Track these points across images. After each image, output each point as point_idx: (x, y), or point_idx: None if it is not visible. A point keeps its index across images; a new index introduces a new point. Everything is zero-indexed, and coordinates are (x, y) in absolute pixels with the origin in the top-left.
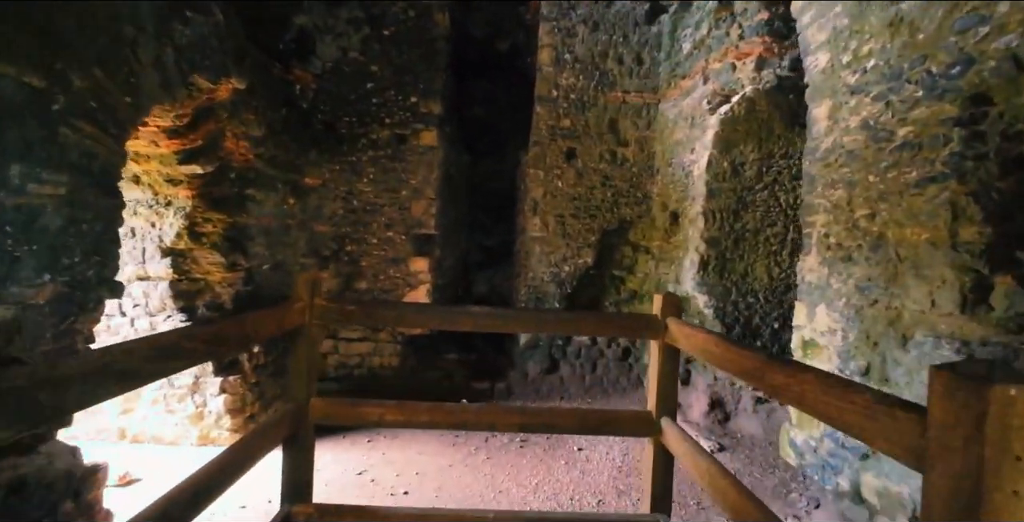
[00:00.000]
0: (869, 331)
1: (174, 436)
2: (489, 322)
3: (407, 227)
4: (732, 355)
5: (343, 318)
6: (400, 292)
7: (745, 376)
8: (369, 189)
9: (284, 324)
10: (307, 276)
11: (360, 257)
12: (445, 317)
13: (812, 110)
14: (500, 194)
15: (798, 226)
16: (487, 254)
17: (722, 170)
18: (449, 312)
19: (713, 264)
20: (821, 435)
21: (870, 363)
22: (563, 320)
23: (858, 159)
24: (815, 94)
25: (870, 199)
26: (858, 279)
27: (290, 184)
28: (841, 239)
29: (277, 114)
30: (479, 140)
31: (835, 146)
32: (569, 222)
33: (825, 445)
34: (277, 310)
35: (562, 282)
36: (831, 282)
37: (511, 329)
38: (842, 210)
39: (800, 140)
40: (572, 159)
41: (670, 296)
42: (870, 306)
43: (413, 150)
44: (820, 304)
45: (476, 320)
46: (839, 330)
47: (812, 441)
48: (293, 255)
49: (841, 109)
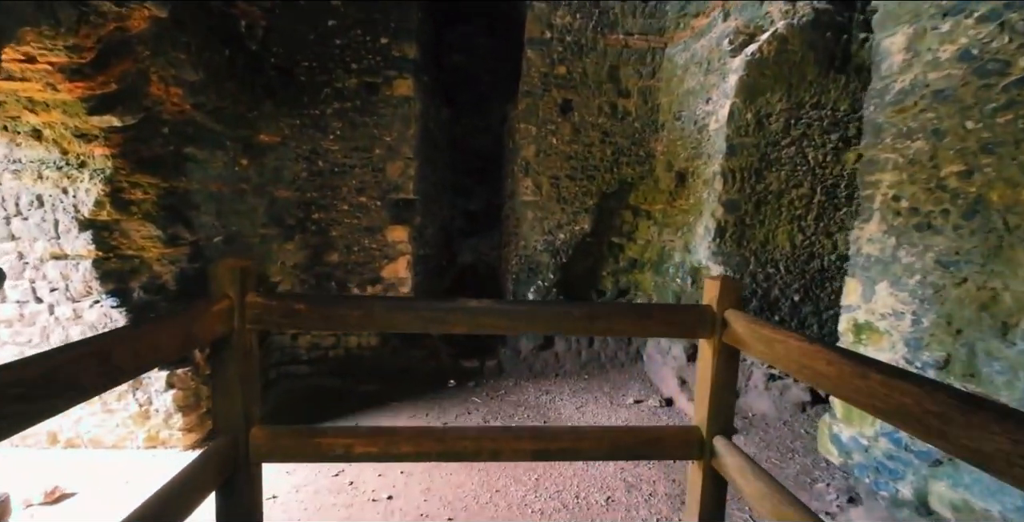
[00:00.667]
0: (952, 316)
1: (116, 439)
2: (491, 321)
3: (382, 191)
4: (872, 384)
5: (289, 321)
6: (377, 265)
7: (903, 420)
8: (336, 148)
9: (198, 335)
10: (231, 263)
11: (330, 226)
12: (431, 316)
13: (881, 42)
14: (484, 154)
15: (826, 187)
16: (471, 220)
17: (745, 123)
18: (436, 309)
19: (731, 231)
20: (876, 434)
21: (951, 355)
22: (589, 317)
23: (950, 101)
24: (887, 20)
25: (966, 152)
26: (941, 252)
27: (241, 142)
28: (918, 202)
29: (218, 56)
30: (460, 93)
31: (915, 86)
32: (565, 184)
33: (881, 445)
34: (184, 316)
35: (557, 251)
36: (899, 255)
37: (520, 330)
38: (921, 167)
39: (835, 87)
40: (568, 112)
41: (730, 281)
42: (956, 286)
43: (386, 102)
44: (882, 281)
45: (473, 319)
46: (908, 313)
47: (863, 439)
48: (251, 225)
49: (926, 37)
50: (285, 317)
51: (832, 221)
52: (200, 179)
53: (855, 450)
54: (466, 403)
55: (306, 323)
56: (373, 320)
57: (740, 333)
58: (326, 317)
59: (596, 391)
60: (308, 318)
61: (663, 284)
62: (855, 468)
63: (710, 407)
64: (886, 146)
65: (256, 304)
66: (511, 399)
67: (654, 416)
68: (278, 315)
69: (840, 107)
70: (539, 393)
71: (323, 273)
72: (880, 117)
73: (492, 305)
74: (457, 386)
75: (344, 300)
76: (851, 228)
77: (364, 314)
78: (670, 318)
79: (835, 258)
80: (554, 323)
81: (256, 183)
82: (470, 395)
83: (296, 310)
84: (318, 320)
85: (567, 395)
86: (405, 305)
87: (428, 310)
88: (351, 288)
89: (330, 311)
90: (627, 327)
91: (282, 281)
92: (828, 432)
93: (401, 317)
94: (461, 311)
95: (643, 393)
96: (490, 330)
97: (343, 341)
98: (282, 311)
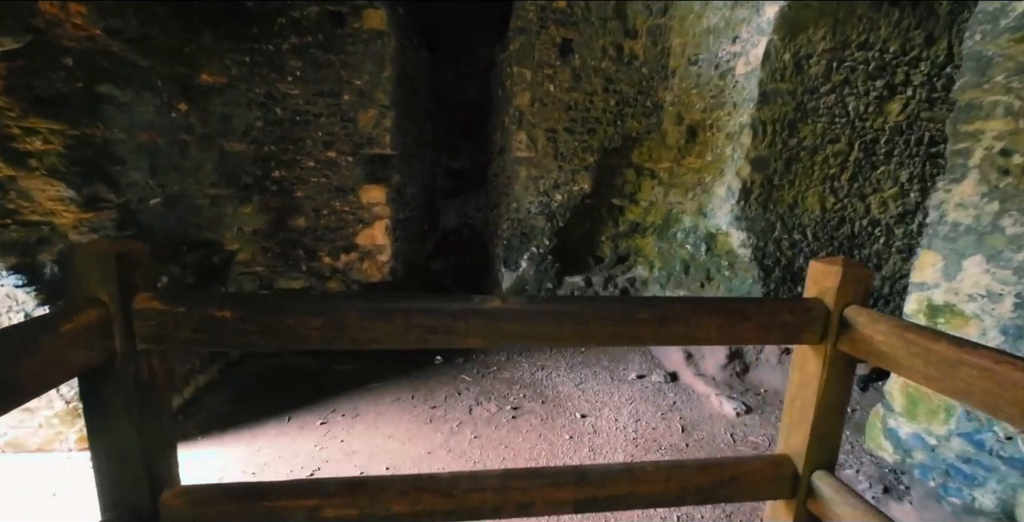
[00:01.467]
0: None
1: (41, 441)
2: (521, 329)
3: (354, 145)
4: None
5: (211, 336)
6: (351, 230)
7: None
8: (297, 92)
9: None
10: (101, 246)
11: (294, 186)
12: (431, 324)
13: None
14: (468, 105)
15: (865, 143)
16: (454, 179)
17: (781, 65)
18: (438, 314)
19: (757, 192)
20: (949, 433)
21: None
22: (660, 319)
23: None
24: None
25: None
26: None
27: (178, 82)
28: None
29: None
30: (440, 35)
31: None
32: (563, 138)
33: (955, 446)
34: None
35: (553, 214)
36: (1002, 224)
37: (565, 342)
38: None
39: (887, 23)
40: (567, 55)
41: (854, 267)
42: None
43: (355, 37)
44: (973, 255)
45: (495, 327)
46: (1008, 295)
47: (930, 438)
48: (197, 185)
49: None
50: (203, 330)
51: (867, 182)
52: (124, 126)
53: (918, 448)
54: (455, 382)
55: (237, 339)
56: (343, 332)
57: (876, 341)
58: (268, 329)
59: (594, 365)
60: (240, 331)
61: (669, 250)
62: (916, 468)
63: (811, 434)
64: (995, 86)
65: (151, 311)
66: (504, 376)
67: (660, 393)
68: (190, 328)
69: (889, 48)
70: (534, 369)
71: (288, 240)
72: (989, 48)
73: (522, 305)
74: (445, 362)
75: (296, 302)
76: (885, 190)
77: (328, 323)
78: (770, 318)
79: (867, 223)
80: (612, 331)
81: (201, 133)
82: (459, 373)
83: (220, 319)
84: (256, 334)
85: (564, 370)
86: (390, 308)
87: (426, 315)
88: (322, 257)
89: (274, 320)
90: (712, 333)
91: (240, 249)
92: (882, 426)
93: (385, 328)
94: (476, 315)
95: (645, 367)
96: (522, 341)
97: None
98: (197, 321)
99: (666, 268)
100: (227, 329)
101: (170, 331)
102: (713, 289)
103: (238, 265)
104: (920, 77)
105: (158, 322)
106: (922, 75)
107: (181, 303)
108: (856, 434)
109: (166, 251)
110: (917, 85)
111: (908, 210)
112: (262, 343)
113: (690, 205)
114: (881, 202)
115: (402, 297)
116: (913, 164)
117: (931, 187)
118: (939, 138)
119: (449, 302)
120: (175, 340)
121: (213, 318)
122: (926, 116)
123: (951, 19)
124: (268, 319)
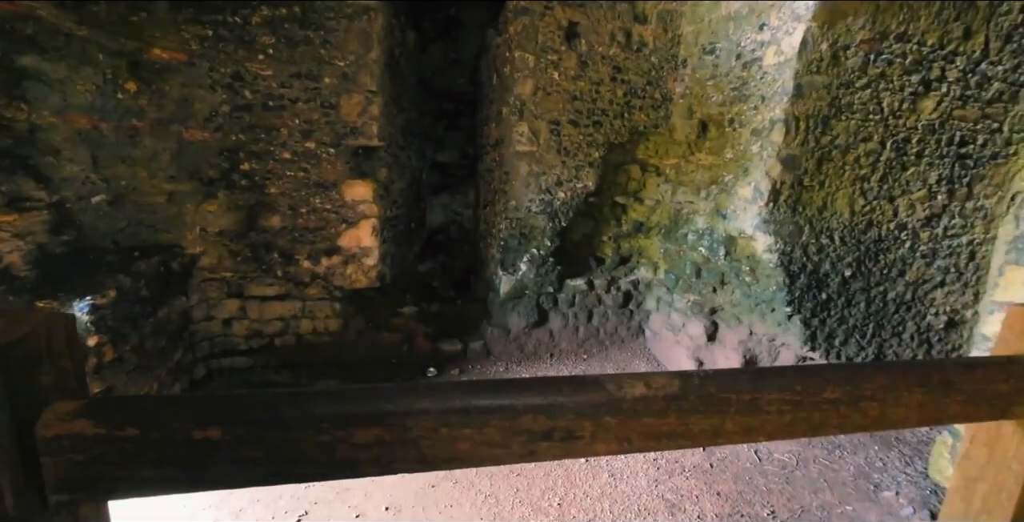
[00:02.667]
0: None
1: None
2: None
3: (336, 135)
4: None
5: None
6: (333, 231)
7: None
8: (269, 72)
9: None
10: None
11: (266, 181)
12: (530, 432)
13: None
14: (455, 93)
15: (897, 142)
16: (441, 173)
17: (818, 55)
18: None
19: (787, 194)
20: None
21: None
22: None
23: None
24: None
25: None
26: None
27: (124, 57)
28: None
29: None
30: (423, 16)
31: None
32: (567, 131)
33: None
34: None
35: (555, 213)
36: None
37: (725, 440)
38: None
39: (927, 14)
40: (573, 40)
41: None
42: None
43: (337, 11)
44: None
45: (638, 424)
46: None
47: None
48: (151, 179)
49: None
50: (174, 464)
51: (897, 183)
52: (56, 109)
53: None
54: None
55: (234, 475)
56: (409, 448)
57: None
58: (286, 454)
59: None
60: (239, 461)
61: (677, 252)
62: None
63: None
64: None
65: (74, 440)
66: None
67: None
68: (150, 462)
69: (927, 40)
70: None
71: (261, 242)
72: None
73: (676, 389)
74: (438, 375)
75: (326, 402)
76: (914, 192)
77: (385, 436)
78: (981, 388)
79: (894, 227)
80: (789, 419)
81: (155, 119)
82: None
83: (203, 443)
84: (265, 464)
85: None
86: (484, 408)
87: (539, 414)
88: (300, 261)
89: (296, 438)
90: (911, 414)
91: (204, 253)
92: (950, 456)
93: (474, 438)
94: (611, 410)
95: None
96: (672, 446)
97: (293, 325)
98: (162, 449)
99: (674, 271)
100: (215, 459)
101: (112, 470)
102: (727, 294)
103: (202, 271)
104: (955, 73)
105: (88, 457)
106: (957, 71)
107: (131, 418)
108: (914, 456)
109: (115, 258)
110: (952, 81)
111: (935, 213)
112: (275, 476)
113: (704, 205)
114: (909, 205)
115: (487, 383)
116: (943, 165)
117: (957, 189)
118: (969, 138)
119: (570, 389)
120: (123, 485)
121: (191, 443)
122: (958, 115)
123: (990, 12)
124: (285, 437)
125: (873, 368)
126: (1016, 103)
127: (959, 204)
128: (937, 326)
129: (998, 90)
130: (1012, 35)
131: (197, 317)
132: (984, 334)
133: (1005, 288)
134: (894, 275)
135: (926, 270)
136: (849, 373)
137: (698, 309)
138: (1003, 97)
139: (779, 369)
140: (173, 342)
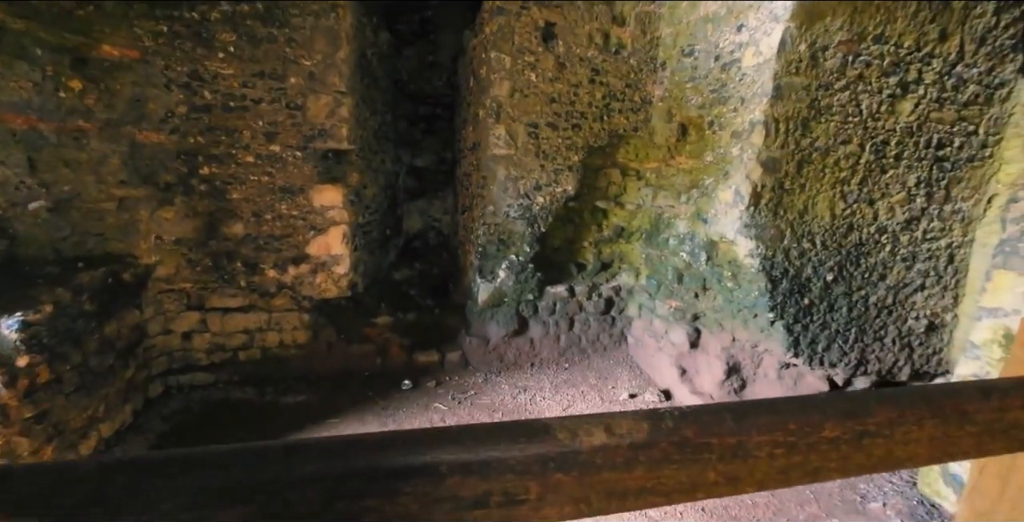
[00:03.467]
0: None
1: None
2: (637, 483)
3: (303, 138)
4: None
5: None
6: (300, 238)
7: None
8: (230, 71)
9: None
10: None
11: (228, 186)
12: (457, 500)
13: None
14: (432, 97)
15: (876, 144)
16: (417, 178)
17: (797, 56)
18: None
19: (768, 197)
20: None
21: None
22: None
23: None
24: None
25: None
26: None
27: (68, 53)
28: None
29: None
30: (397, 18)
31: None
32: (545, 134)
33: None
34: None
35: (534, 218)
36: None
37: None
38: None
39: (904, 15)
40: (550, 41)
41: None
42: None
43: (303, 8)
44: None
45: (597, 480)
46: None
47: None
48: (99, 184)
49: None
50: None
51: (876, 186)
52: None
53: None
54: (428, 412)
55: None
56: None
57: None
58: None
59: (581, 384)
60: None
61: (659, 258)
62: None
63: None
64: None
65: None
66: (483, 402)
67: None
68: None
69: (904, 42)
70: (515, 391)
71: (223, 250)
72: None
73: (644, 437)
74: (414, 388)
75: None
76: (893, 195)
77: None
78: (998, 416)
79: (874, 230)
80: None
81: (104, 120)
82: (432, 399)
83: None
84: None
85: (548, 391)
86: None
87: (465, 475)
88: (265, 270)
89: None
90: (921, 451)
91: (160, 263)
92: (942, 470)
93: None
94: (563, 466)
95: (635, 384)
96: (643, 506)
97: (258, 338)
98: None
99: (655, 276)
100: None
101: None
102: (709, 299)
103: (158, 282)
104: (932, 75)
105: None
106: (934, 73)
107: None
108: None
109: (55, 269)
110: (929, 84)
111: (914, 216)
112: None
113: (685, 209)
114: (888, 208)
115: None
116: (921, 168)
117: (936, 192)
118: (946, 141)
119: (508, 439)
120: None
121: None
122: (935, 117)
123: (965, 14)
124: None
125: (877, 398)
126: (991, 105)
127: (937, 207)
128: (918, 330)
129: (973, 92)
130: (986, 37)
131: (153, 331)
132: (973, 342)
133: (993, 293)
134: (875, 279)
135: (906, 274)
136: (850, 405)
137: (680, 315)
138: (978, 99)
139: (768, 403)
140: (123, 359)
